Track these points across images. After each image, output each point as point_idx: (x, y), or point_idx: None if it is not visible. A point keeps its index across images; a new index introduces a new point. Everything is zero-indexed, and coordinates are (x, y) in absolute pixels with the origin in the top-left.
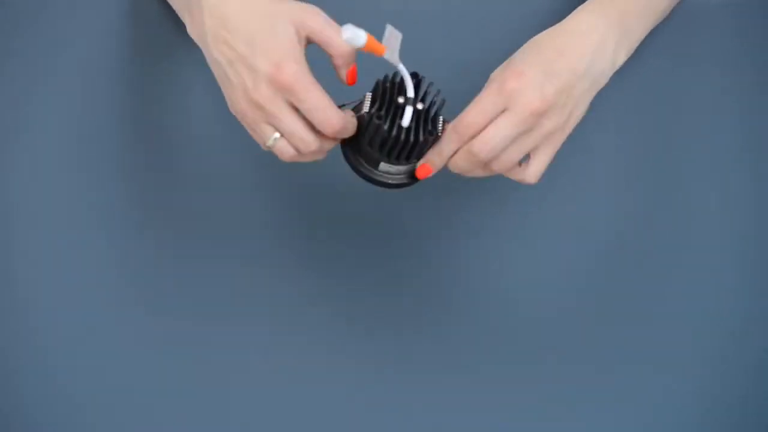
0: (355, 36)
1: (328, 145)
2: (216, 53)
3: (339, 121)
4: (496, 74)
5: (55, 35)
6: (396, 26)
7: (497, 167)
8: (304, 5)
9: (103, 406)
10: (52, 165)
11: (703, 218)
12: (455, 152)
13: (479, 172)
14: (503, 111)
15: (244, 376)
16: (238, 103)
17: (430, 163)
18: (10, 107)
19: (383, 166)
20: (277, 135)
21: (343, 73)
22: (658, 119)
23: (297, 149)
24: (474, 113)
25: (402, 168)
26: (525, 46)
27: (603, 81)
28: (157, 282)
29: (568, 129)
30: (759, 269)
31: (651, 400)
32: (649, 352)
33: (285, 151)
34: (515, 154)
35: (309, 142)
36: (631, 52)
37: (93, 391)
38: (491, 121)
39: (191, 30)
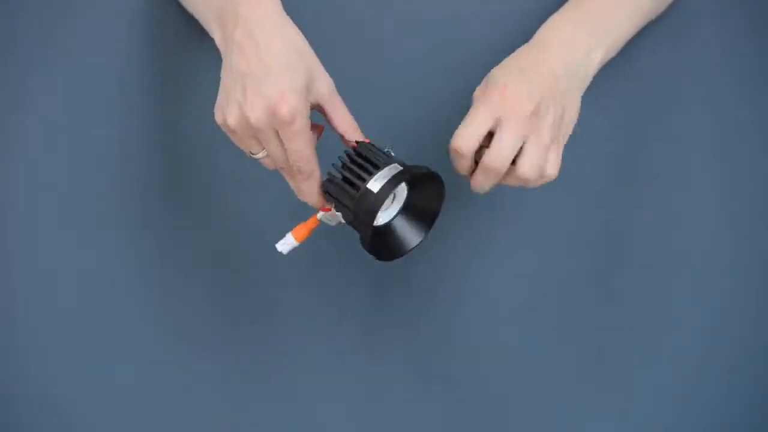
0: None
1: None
2: (234, 61)
3: (312, 181)
4: (478, 93)
5: (60, 34)
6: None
7: (519, 175)
8: (324, 73)
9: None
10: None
11: (701, 218)
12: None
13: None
14: (500, 123)
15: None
16: (229, 116)
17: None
18: (11, 107)
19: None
20: (264, 152)
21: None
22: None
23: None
24: (468, 133)
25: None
26: (503, 62)
27: (585, 77)
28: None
29: (569, 122)
30: (756, 268)
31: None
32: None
33: (269, 164)
34: (529, 159)
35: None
36: (613, 48)
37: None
38: (482, 135)
39: (220, 39)
